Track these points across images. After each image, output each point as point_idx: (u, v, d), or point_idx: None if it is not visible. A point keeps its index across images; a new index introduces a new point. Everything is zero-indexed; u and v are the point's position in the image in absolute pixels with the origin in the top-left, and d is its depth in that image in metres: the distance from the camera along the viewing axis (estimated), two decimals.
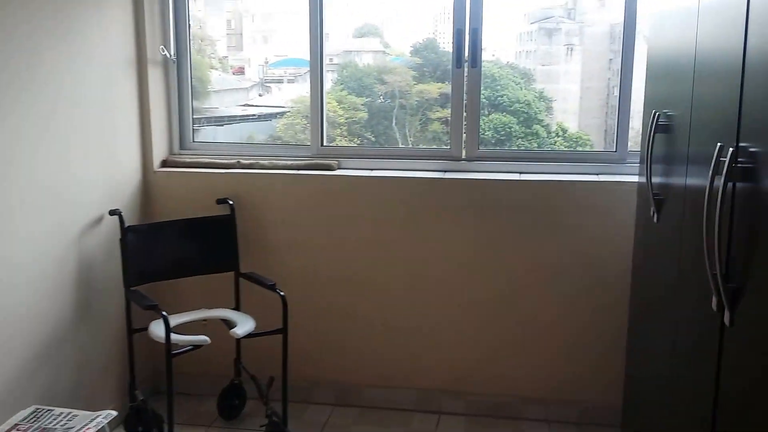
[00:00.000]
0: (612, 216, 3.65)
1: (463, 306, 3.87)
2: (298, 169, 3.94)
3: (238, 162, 3.98)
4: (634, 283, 3.36)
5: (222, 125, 9.59)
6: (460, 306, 3.87)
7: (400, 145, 4.66)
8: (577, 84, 12.46)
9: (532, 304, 3.81)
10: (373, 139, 12.53)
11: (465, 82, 3.90)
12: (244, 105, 9.31)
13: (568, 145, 12.64)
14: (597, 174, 3.78)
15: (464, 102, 3.91)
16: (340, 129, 13.35)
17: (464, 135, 3.91)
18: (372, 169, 3.94)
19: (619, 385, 3.55)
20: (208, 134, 8.73)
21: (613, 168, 3.80)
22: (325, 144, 4.09)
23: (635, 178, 3.62)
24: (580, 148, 10.95)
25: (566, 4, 13.25)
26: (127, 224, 3.69)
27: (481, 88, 3.94)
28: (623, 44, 3.87)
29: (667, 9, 2.90)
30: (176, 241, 3.82)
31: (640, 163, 3.29)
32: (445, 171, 3.89)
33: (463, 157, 3.93)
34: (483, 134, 13.62)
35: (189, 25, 4.09)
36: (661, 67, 2.97)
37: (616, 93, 10.72)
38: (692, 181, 2.35)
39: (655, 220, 2.87)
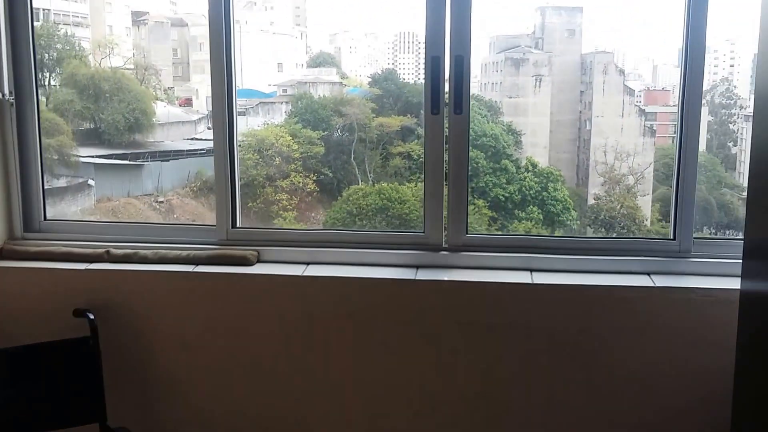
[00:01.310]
0: (682, 348, 1.89)
1: None
2: (198, 263, 2.11)
3: (107, 252, 2.15)
4: None
5: (167, 160, 7.74)
6: None
7: (352, 230, 2.74)
8: (547, 117, 10.74)
9: None
10: (330, 174, 10.60)
11: (445, 136, 2.12)
12: (191, 139, 7.49)
13: (538, 180, 10.84)
14: (649, 274, 2.02)
15: (444, 163, 2.14)
16: (295, 164, 11.36)
17: (446, 213, 2.14)
18: (308, 263, 2.14)
19: None
20: (152, 170, 6.85)
21: (674, 265, 2.04)
22: (239, 225, 2.27)
23: (712, 283, 1.90)
24: (551, 185, 9.18)
25: (533, 33, 11.36)
26: None
27: (469, 143, 2.17)
28: (685, 95, 2.10)
29: None
30: (7, 380, 2.00)
31: (745, 257, 1.57)
32: (419, 267, 2.07)
33: (445, 245, 2.12)
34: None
35: (34, 54, 2.22)
36: None
37: (588, 127, 8.93)
38: None
39: None
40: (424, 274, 2.03)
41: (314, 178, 12.67)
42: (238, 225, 2.21)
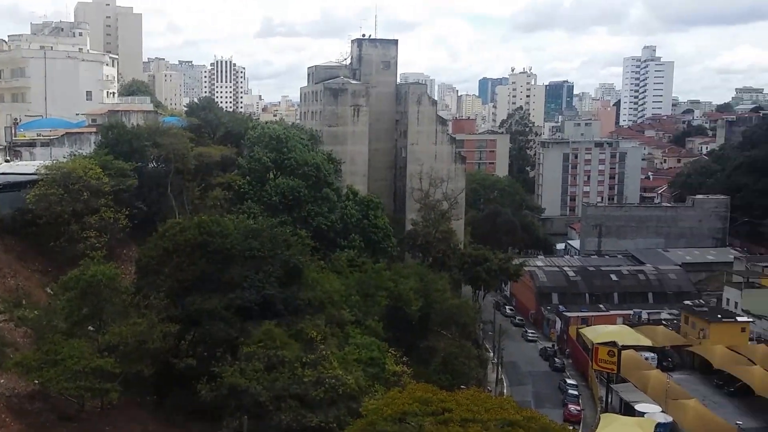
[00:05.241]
0: None
1: None
2: None
3: None
4: None
5: None
6: None
7: None
8: (365, 145, 11.24)
9: None
10: (145, 208, 10.42)
11: None
12: None
13: (359, 209, 11.35)
14: None
15: None
16: (106, 198, 11.01)
17: None
18: None
19: None
20: None
21: None
22: None
23: None
24: (372, 212, 9.76)
25: (351, 64, 11.95)
26: None
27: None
28: None
29: None
30: None
31: None
32: None
33: None
34: (270, 200, 12.15)
35: None
36: None
37: (404, 154, 9.68)
38: None
39: None
40: None
41: (127, 212, 12.31)
42: None
